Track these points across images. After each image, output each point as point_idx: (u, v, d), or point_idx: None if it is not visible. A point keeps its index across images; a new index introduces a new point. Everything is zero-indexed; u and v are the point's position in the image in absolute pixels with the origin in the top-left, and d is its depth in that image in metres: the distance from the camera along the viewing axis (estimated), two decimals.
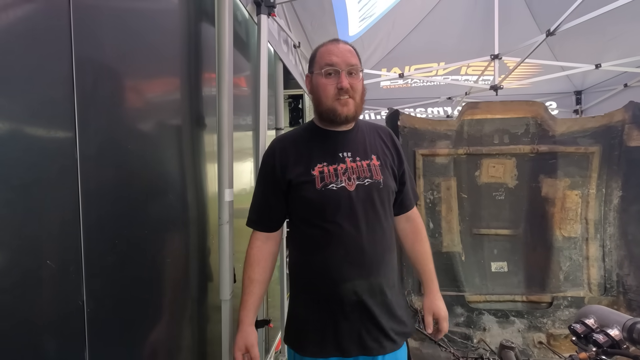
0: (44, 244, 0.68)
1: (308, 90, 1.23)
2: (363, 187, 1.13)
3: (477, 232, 2.91)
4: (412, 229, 1.35)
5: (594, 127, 2.75)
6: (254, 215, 1.23)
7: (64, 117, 0.73)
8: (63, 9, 0.74)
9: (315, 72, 1.16)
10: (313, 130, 1.23)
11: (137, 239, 0.98)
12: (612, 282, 2.69)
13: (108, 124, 0.87)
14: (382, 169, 1.18)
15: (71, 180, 0.73)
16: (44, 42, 0.70)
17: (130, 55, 0.98)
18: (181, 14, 1.29)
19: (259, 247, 1.21)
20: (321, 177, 1.12)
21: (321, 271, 1.13)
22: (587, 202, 2.77)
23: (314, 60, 1.18)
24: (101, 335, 0.81)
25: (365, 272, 1.12)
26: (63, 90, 0.73)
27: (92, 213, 0.78)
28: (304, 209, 1.15)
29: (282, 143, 1.22)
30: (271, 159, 1.19)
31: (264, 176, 1.21)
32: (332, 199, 1.11)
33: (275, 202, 1.19)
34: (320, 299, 1.14)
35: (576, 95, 4.52)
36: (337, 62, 1.11)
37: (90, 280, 0.77)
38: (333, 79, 1.11)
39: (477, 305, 2.78)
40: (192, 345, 1.33)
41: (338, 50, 1.13)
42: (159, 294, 1.11)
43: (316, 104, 1.18)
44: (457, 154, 2.88)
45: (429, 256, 1.36)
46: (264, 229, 1.22)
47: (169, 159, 1.18)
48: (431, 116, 4.89)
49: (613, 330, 1.53)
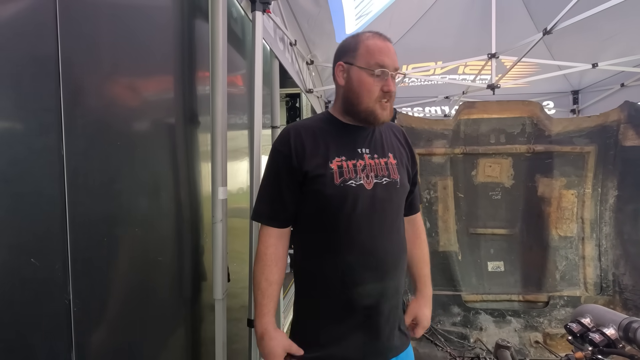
0: (28, 241, 0.66)
1: (340, 82, 1.11)
2: (381, 185, 1.08)
3: (473, 231, 2.91)
4: (413, 232, 1.31)
5: (590, 127, 2.76)
6: (266, 208, 1.11)
7: (50, 114, 0.71)
8: (49, 5, 0.72)
9: (359, 66, 1.06)
10: (331, 121, 1.14)
11: (127, 237, 0.96)
12: (608, 282, 2.70)
13: (96, 121, 0.85)
14: (399, 168, 1.13)
15: (57, 178, 0.72)
16: (30, 38, 0.68)
17: (121, 51, 0.97)
18: (174, 10, 1.28)
19: (275, 245, 1.10)
20: (340, 171, 1.04)
21: (331, 272, 1.06)
22: (583, 201, 2.77)
23: (357, 51, 1.07)
24: (88, 334, 0.80)
25: (380, 275, 1.07)
26: (49, 87, 0.71)
27: (78, 211, 0.76)
28: (317, 203, 1.06)
29: (298, 131, 1.10)
30: (286, 147, 1.08)
31: (277, 165, 1.09)
32: (351, 196, 1.04)
33: (289, 195, 1.08)
34: (330, 304, 1.08)
35: (573, 95, 4.52)
36: (388, 64, 1.04)
37: (77, 279, 0.75)
38: (379, 80, 1.04)
39: (473, 305, 2.78)
40: (184, 345, 1.31)
41: (388, 50, 1.06)
42: (150, 293, 1.10)
43: (352, 102, 1.08)
44: (453, 154, 2.88)
45: (426, 260, 1.32)
46: (278, 224, 1.11)
47: (161, 156, 1.17)
48: (429, 115, 4.88)
49: (609, 329, 1.53)
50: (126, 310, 0.97)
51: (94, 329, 0.83)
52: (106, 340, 0.87)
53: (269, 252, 1.09)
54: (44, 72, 0.71)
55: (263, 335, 1.05)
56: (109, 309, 0.89)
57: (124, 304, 0.96)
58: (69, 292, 0.73)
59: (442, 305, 2.72)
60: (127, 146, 0.98)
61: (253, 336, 1.55)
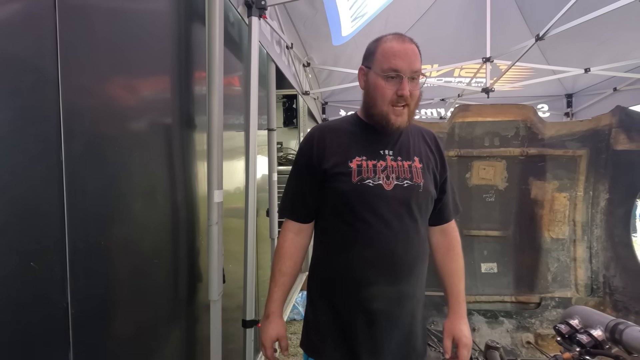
0: (28, 245, 0.68)
1: (361, 85, 1.14)
2: (401, 188, 1.06)
3: (467, 233, 2.94)
4: (446, 244, 1.24)
5: (582, 131, 2.79)
6: (288, 203, 1.17)
7: (49, 118, 0.73)
8: (49, 7, 0.73)
9: (374, 70, 1.06)
10: (356, 122, 1.16)
11: (124, 239, 0.98)
12: (599, 283, 2.74)
13: (94, 125, 0.87)
14: (424, 173, 1.11)
15: (56, 182, 0.74)
16: (28, 40, 0.70)
17: (119, 57, 0.99)
18: (172, 15, 1.29)
19: (292, 239, 1.16)
20: (358, 170, 1.05)
21: (344, 272, 1.07)
22: (574, 204, 2.81)
23: (374, 56, 1.07)
24: (86, 337, 0.81)
25: (392, 278, 1.06)
26: (48, 93, 0.73)
27: (77, 215, 0.78)
28: (335, 201, 1.08)
29: (322, 131, 1.14)
30: (309, 147, 1.12)
31: (300, 164, 1.14)
32: (367, 195, 1.04)
33: (310, 192, 1.12)
34: (340, 303, 1.09)
35: (567, 98, 4.58)
36: (402, 67, 1.02)
37: (75, 282, 0.77)
38: (393, 83, 1.03)
39: (467, 306, 2.81)
40: (180, 346, 1.33)
41: (404, 51, 1.03)
42: (147, 294, 1.11)
43: (369, 105, 1.09)
44: (448, 156, 2.90)
45: (460, 275, 1.25)
46: (298, 219, 1.16)
47: (158, 159, 1.18)
48: (424, 117, 4.92)
49: (596, 330, 1.56)
50: (123, 312, 0.98)
51: (92, 331, 0.84)
52: (103, 342, 0.89)
53: (286, 245, 1.16)
54: (43, 79, 0.72)
55: (268, 316, 1.15)
56: (107, 311, 0.90)
57: (121, 307, 0.97)
58: (67, 295, 0.75)
59: (436, 306, 2.75)
60: (125, 150, 0.99)
61: (248, 336, 1.57)
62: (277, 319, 1.14)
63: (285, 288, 1.16)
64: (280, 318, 1.15)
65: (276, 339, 1.14)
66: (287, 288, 1.16)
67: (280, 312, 1.15)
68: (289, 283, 1.16)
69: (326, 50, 3.15)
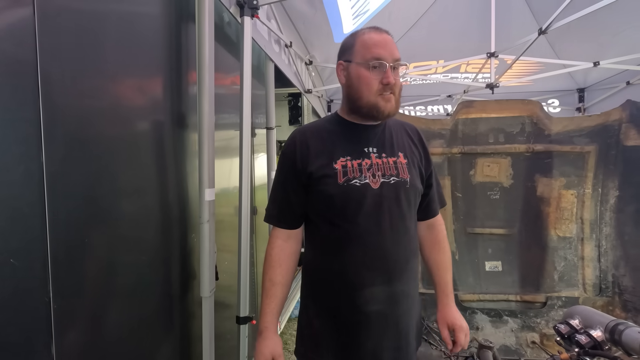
0: (7, 242, 0.71)
1: (341, 80, 1.11)
2: (388, 185, 1.05)
3: (471, 231, 2.91)
4: (433, 238, 1.26)
5: (590, 126, 2.72)
6: (275, 210, 1.13)
7: (28, 117, 0.75)
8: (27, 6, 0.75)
9: (356, 62, 1.04)
10: (337, 122, 1.14)
11: (109, 237, 1.01)
12: (608, 283, 2.67)
13: (76, 124, 0.89)
14: (409, 168, 1.10)
15: (36, 182, 0.76)
16: (7, 46, 0.72)
17: (105, 54, 1.01)
18: (162, 15, 1.31)
19: (281, 246, 1.12)
20: (344, 171, 1.04)
21: (338, 275, 1.05)
22: (582, 201, 2.75)
23: (353, 48, 1.06)
24: (69, 331, 0.84)
25: (386, 278, 1.05)
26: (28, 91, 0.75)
27: (58, 213, 0.81)
28: (322, 205, 1.06)
29: (304, 135, 1.11)
30: (291, 150, 1.09)
31: (284, 169, 1.12)
32: (355, 195, 1.02)
33: (296, 197, 1.09)
34: (335, 307, 1.07)
35: (579, 93, 4.45)
36: (384, 55, 1.01)
37: (57, 278, 0.80)
38: (377, 72, 1.02)
39: (470, 304, 2.78)
40: (173, 342, 1.36)
41: (384, 41, 1.03)
42: (134, 291, 1.14)
43: (354, 98, 1.07)
44: (451, 153, 2.87)
45: (447, 267, 1.26)
46: (286, 225, 1.12)
47: (146, 158, 1.20)
48: (431, 114, 4.86)
49: (596, 331, 1.53)
50: (110, 309, 1.01)
51: (75, 326, 0.87)
52: (87, 337, 0.92)
53: (274, 253, 1.11)
54: (22, 80, 0.75)
55: (261, 333, 1.08)
56: (91, 306, 0.93)
57: (108, 303, 1.00)
58: (49, 290, 0.78)
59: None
60: (111, 151, 1.01)
61: (242, 333, 1.59)
62: (271, 335, 1.07)
63: (278, 300, 1.09)
64: (275, 334, 1.09)
65: (271, 358, 1.06)
66: (280, 299, 1.10)
67: (275, 328, 1.09)
68: (281, 293, 1.10)
69: (328, 48, 3.14)
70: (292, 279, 1.15)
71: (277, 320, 1.10)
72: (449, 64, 3.85)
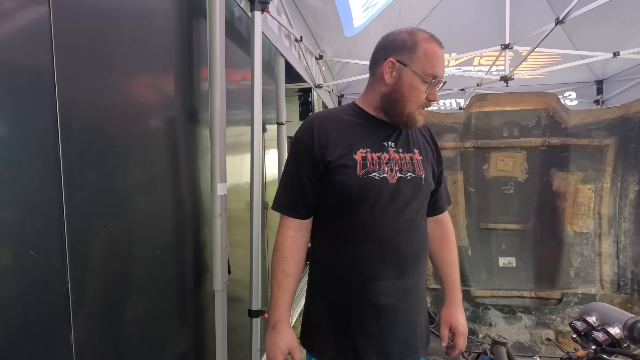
0: (27, 235, 0.73)
1: (387, 79, 1.05)
2: (405, 180, 1.05)
3: (484, 226, 2.87)
4: (441, 234, 1.26)
5: (609, 119, 2.64)
6: (285, 198, 1.09)
7: (46, 119, 0.77)
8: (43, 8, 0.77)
9: (413, 69, 1.01)
10: (358, 114, 1.11)
11: (124, 231, 1.03)
12: (626, 279, 2.60)
13: (92, 120, 0.91)
14: (424, 165, 1.11)
15: (54, 176, 0.78)
16: (23, 36, 0.74)
17: (119, 51, 1.02)
18: (174, 11, 1.32)
19: (293, 237, 1.08)
20: (364, 163, 1.02)
21: (350, 268, 1.04)
22: (600, 196, 2.67)
23: (414, 54, 1.02)
24: (87, 321, 0.87)
25: (398, 272, 1.04)
26: (45, 91, 0.77)
27: (75, 207, 0.83)
28: (339, 195, 1.03)
29: (322, 120, 1.08)
30: (309, 137, 1.05)
31: (299, 155, 1.06)
32: (373, 189, 1.01)
33: (310, 186, 1.06)
34: (346, 300, 1.06)
35: (597, 85, 4.32)
36: (441, 75, 1.03)
37: (75, 269, 0.82)
38: (428, 87, 1.03)
39: (483, 300, 2.75)
40: (184, 334, 1.38)
41: (442, 58, 1.04)
42: (149, 283, 1.16)
43: (397, 104, 1.05)
44: (464, 148, 2.83)
45: (455, 264, 1.25)
46: (297, 215, 1.09)
47: (159, 153, 1.22)
48: (443, 108, 4.79)
49: (614, 328, 1.50)
50: (124, 299, 1.03)
51: (92, 316, 0.90)
52: (104, 327, 0.94)
53: (286, 243, 1.08)
54: (39, 77, 0.76)
55: (274, 326, 1.05)
56: (107, 297, 0.95)
57: (122, 294, 1.02)
58: (67, 282, 0.80)
59: None
60: (125, 145, 1.03)
61: (254, 326, 1.61)
62: (285, 328, 1.04)
63: (291, 292, 1.07)
64: (289, 327, 1.06)
65: (288, 352, 1.03)
66: (292, 291, 1.08)
67: (289, 320, 1.06)
68: (293, 285, 1.07)
69: (338, 42, 3.12)
70: (302, 270, 1.12)
71: (290, 313, 1.08)
72: (462, 57, 3.79)
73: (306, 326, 1.15)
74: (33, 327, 0.74)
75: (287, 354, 1.04)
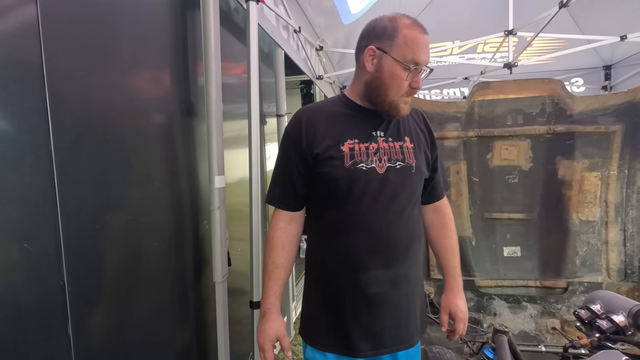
0: (21, 228, 0.74)
1: (368, 67, 1.04)
2: (394, 170, 1.05)
3: (488, 216, 2.84)
4: (439, 221, 1.26)
5: (616, 105, 2.58)
6: (277, 191, 1.12)
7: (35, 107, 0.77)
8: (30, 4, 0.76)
9: (393, 57, 1.00)
10: (346, 104, 1.11)
11: (121, 223, 1.03)
12: (634, 268, 2.57)
13: (83, 113, 0.91)
14: (415, 153, 1.10)
15: (46, 170, 0.78)
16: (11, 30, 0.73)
17: (110, 44, 1.02)
18: (168, 3, 1.31)
19: (284, 228, 1.11)
20: (351, 154, 1.02)
21: (340, 258, 1.06)
22: (607, 184, 2.63)
23: (394, 40, 1.00)
24: (84, 313, 0.88)
25: (388, 261, 1.05)
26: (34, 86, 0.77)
27: (69, 200, 0.83)
28: (327, 187, 1.05)
29: (309, 113, 1.09)
30: (297, 131, 1.07)
31: (288, 148, 1.09)
32: (361, 179, 1.02)
33: (300, 179, 1.08)
34: (338, 289, 1.08)
35: (605, 71, 4.21)
36: (423, 61, 1.00)
37: (71, 262, 0.83)
38: (410, 75, 1.01)
39: (487, 290, 2.74)
40: (185, 326, 1.40)
41: (425, 45, 1.01)
42: (147, 275, 1.17)
43: (378, 92, 1.04)
44: (467, 137, 2.79)
45: (454, 251, 1.26)
46: (288, 207, 1.11)
47: (155, 147, 1.22)
48: (447, 98, 4.73)
49: (618, 316, 1.48)
50: (122, 291, 1.04)
51: (90, 309, 0.91)
52: (102, 319, 0.96)
53: (277, 235, 1.10)
54: (28, 73, 0.76)
55: (264, 314, 1.08)
56: (105, 290, 0.96)
57: (120, 286, 1.03)
58: (64, 274, 0.81)
59: None
60: (118, 139, 1.03)
61: (256, 317, 1.62)
62: (274, 316, 1.08)
63: (280, 281, 1.10)
64: (279, 315, 1.09)
65: (276, 339, 1.07)
66: (282, 281, 1.10)
67: (278, 309, 1.09)
68: (284, 275, 1.10)
69: (337, 30, 3.07)
70: (293, 261, 1.15)
71: (279, 302, 1.10)
72: (465, 44, 3.71)
73: (303, 315, 1.18)
74: (30, 320, 0.75)
75: (275, 341, 1.07)
